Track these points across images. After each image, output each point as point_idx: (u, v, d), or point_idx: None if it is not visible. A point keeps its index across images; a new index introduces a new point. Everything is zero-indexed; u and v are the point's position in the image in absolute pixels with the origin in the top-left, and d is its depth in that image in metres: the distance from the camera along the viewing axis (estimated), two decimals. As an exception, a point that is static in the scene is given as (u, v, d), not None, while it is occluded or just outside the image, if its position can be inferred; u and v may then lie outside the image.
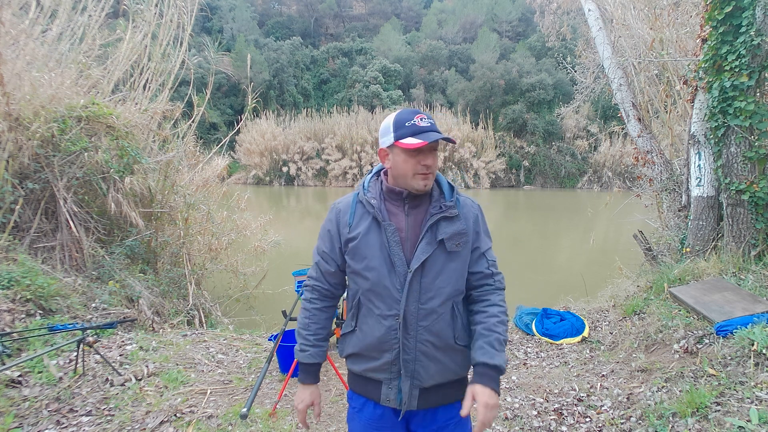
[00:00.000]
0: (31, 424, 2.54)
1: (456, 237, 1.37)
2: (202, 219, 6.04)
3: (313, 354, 1.47)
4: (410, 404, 1.38)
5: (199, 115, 6.53)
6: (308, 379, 1.49)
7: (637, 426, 2.58)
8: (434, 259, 1.36)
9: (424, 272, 1.35)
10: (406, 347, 1.36)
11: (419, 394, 1.39)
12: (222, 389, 3.20)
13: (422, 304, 1.35)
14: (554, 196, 25.08)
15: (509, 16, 39.97)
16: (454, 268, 1.38)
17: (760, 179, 3.88)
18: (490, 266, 1.44)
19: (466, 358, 1.42)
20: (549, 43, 11.86)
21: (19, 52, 4.71)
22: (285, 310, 3.15)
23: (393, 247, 1.35)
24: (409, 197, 1.40)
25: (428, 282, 1.35)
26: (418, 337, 1.36)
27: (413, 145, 1.31)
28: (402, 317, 1.35)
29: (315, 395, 1.51)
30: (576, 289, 5.65)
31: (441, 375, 1.39)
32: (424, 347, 1.36)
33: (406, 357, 1.36)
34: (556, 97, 29.69)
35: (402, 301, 1.34)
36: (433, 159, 1.36)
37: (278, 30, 41.81)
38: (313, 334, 1.48)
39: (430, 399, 1.40)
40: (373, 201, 1.40)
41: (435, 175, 1.41)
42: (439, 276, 1.36)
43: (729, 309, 3.24)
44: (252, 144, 28.04)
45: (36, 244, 4.42)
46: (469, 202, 1.46)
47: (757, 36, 3.73)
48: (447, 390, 1.43)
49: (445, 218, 1.37)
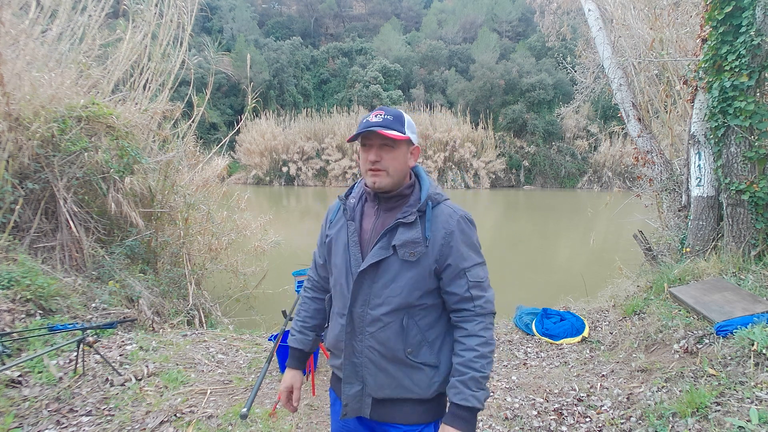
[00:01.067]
0: (31, 424, 2.54)
1: (409, 245, 1.28)
2: (202, 219, 6.04)
3: (298, 339, 1.54)
4: (363, 411, 1.36)
5: (199, 115, 6.53)
6: (291, 362, 1.54)
7: (637, 426, 2.58)
8: (388, 265, 1.30)
9: (376, 277, 1.31)
10: (354, 350, 1.34)
11: (372, 402, 1.35)
12: (222, 389, 3.20)
13: (370, 309, 1.31)
14: (554, 196, 25.08)
15: (509, 16, 39.96)
16: (409, 279, 1.29)
17: (760, 179, 3.88)
18: (471, 288, 1.30)
19: (428, 378, 1.32)
20: (549, 43, 11.87)
21: (19, 52, 4.71)
22: (285, 310, 3.15)
23: (351, 248, 1.35)
24: (383, 199, 1.36)
25: (378, 288, 1.30)
26: (365, 342, 1.33)
27: (349, 138, 1.33)
28: (348, 319, 1.34)
29: (295, 379, 1.52)
30: (576, 289, 5.65)
31: (393, 389, 1.32)
32: (371, 354, 1.32)
33: (354, 360, 1.34)
34: (556, 97, 29.68)
35: (347, 303, 1.34)
36: (376, 154, 1.30)
37: (278, 30, 41.81)
38: (302, 321, 1.56)
39: (384, 413, 1.35)
40: (352, 200, 1.42)
41: (389, 174, 1.31)
42: (391, 284, 1.29)
43: (729, 309, 3.24)
44: (252, 144, 28.04)
45: (36, 244, 4.42)
46: (447, 212, 1.33)
47: (757, 36, 3.73)
48: (404, 408, 1.34)
49: (403, 224, 1.29)
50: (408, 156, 1.36)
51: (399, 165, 1.32)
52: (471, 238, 1.33)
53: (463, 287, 1.30)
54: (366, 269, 1.31)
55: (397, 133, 1.28)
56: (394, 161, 1.31)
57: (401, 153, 1.33)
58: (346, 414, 1.37)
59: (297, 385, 1.52)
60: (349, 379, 1.36)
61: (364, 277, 1.31)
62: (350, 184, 13.81)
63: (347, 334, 1.35)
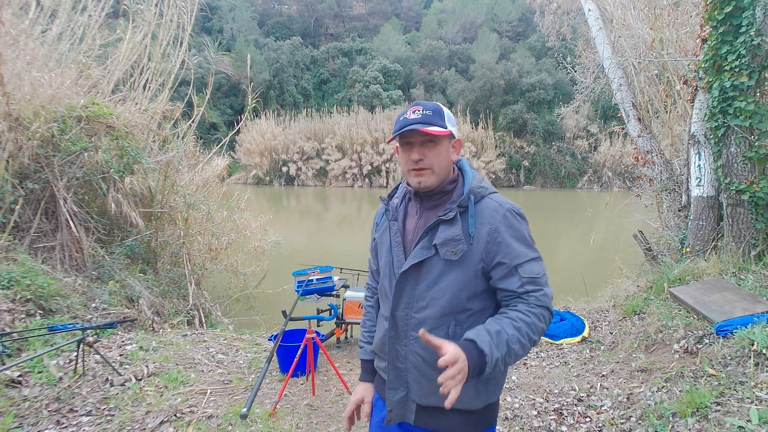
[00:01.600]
0: (31, 424, 2.54)
1: (449, 243, 1.20)
2: (202, 219, 6.04)
3: (367, 351, 1.45)
4: (407, 417, 1.30)
5: (199, 115, 6.53)
6: (362, 375, 1.47)
7: (637, 426, 2.58)
8: (431, 266, 1.23)
9: (419, 279, 1.25)
10: (398, 354, 1.29)
11: (416, 409, 1.28)
12: (222, 389, 3.20)
13: (414, 313, 1.25)
14: (554, 196, 25.09)
15: (509, 16, 39.99)
16: (454, 279, 1.21)
17: (760, 179, 3.88)
18: (525, 284, 1.19)
19: (475, 388, 1.23)
20: (549, 43, 11.86)
21: (19, 52, 4.71)
22: (285, 310, 3.15)
23: (394, 248, 1.31)
24: (425, 197, 1.30)
25: (422, 290, 1.24)
26: (409, 347, 1.27)
27: (390, 139, 1.27)
28: (391, 322, 1.29)
29: (367, 392, 1.43)
30: (576, 289, 5.65)
31: (438, 398, 1.15)
32: (415, 359, 1.26)
33: (399, 365, 1.29)
34: (556, 97, 29.71)
35: (389, 305, 1.29)
36: (420, 153, 1.23)
37: (278, 30, 41.83)
38: (367, 330, 1.49)
39: (429, 420, 1.27)
40: (395, 201, 1.38)
41: (434, 171, 1.25)
42: (435, 285, 1.23)
43: (729, 309, 3.24)
44: (252, 144, 28.06)
45: (36, 244, 4.42)
46: (493, 206, 1.24)
47: (757, 36, 3.73)
48: (451, 417, 1.25)
49: (444, 221, 1.23)
50: (451, 150, 1.30)
51: (443, 161, 1.26)
52: (521, 232, 1.23)
53: (516, 284, 1.19)
54: (408, 270, 1.25)
55: (438, 129, 1.22)
56: (438, 158, 1.25)
57: (444, 148, 1.26)
58: (391, 420, 1.30)
59: (368, 399, 1.42)
60: (393, 385, 1.30)
61: (406, 278, 1.26)
62: (350, 184, 14.01)
63: (390, 338, 1.30)
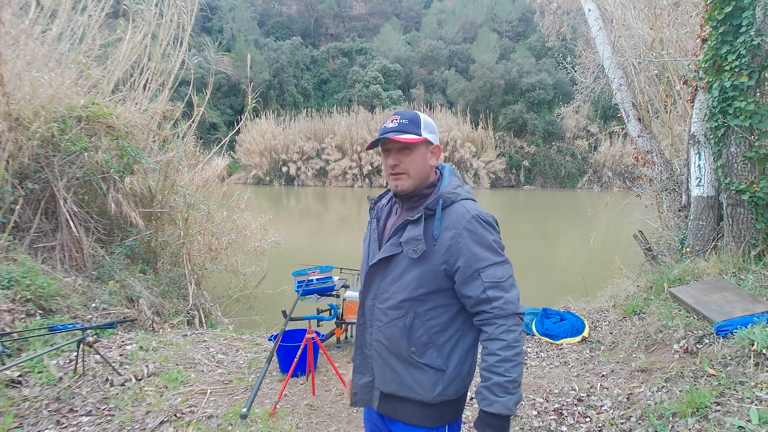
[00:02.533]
0: (31, 424, 2.54)
1: (411, 242, 1.29)
2: (202, 219, 6.04)
3: None
4: (372, 402, 1.41)
5: (199, 115, 6.53)
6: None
7: (637, 426, 2.58)
8: (397, 261, 1.33)
9: (386, 272, 1.35)
10: (366, 342, 1.41)
11: (380, 396, 1.39)
12: (222, 389, 3.20)
13: (379, 304, 1.37)
14: (554, 196, 25.08)
15: (509, 16, 39.97)
16: (414, 276, 1.30)
17: (760, 179, 3.88)
18: (488, 289, 1.25)
19: (431, 380, 1.31)
20: (549, 43, 11.86)
21: (19, 52, 4.71)
22: (285, 310, 3.15)
23: (372, 244, 1.44)
24: (404, 199, 1.41)
25: (387, 283, 1.35)
26: (374, 336, 1.39)
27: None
28: (361, 311, 1.42)
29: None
30: (576, 289, 5.65)
31: (397, 386, 1.34)
32: (379, 347, 1.37)
33: (365, 351, 1.42)
34: (556, 97, 29.70)
35: (360, 295, 1.43)
36: (395, 159, 1.34)
37: (278, 30, 41.81)
38: None
39: (389, 408, 1.37)
40: (384, 201, 1.52)
41: (410, 176, 1.34)
42: (398, 280, 1.32)
43: (729, 309, 3.24)
44: (252, 144, 28.04)
45: (36, 244, 4.42)
46: (460, 212, 1.30)
47: (757, 36, 3.73)
48: (407, 407, 1.34)
49: (410, 221, 1.32)
50: (428, 156, 1.39)
51: (418, 166, 1.36)
52: (485, 237, 1.28)
53: (479, 289, 1.26)
54: (377, 263, 1.36)
55: (412, 137, 1.32)
56: (413, 163, 1.35)
57: (420, 154, 1.36)
58: (356, 402, 1.42)
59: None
60: (359, 369, 1.42)
61: (375, 271, 1.37)
62: (350, 184, 14.05)
63: (360, 325, 1.42)
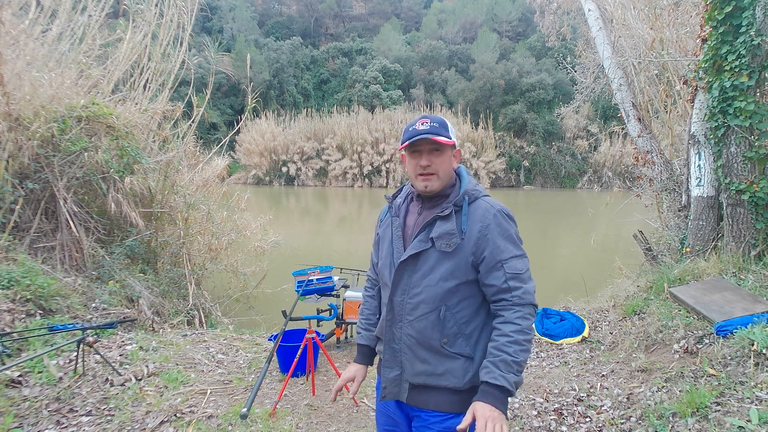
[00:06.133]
0: (31, 424, 2.54)
1: (445, 237, 1.36)
2: (202, 219, 6.04)
3: (364, 336, 1.62)
4: (400, 395, 1.44)
5: (199, 115, 6.53)
6: (357, 357, 1.62)
7: (637, 426, 2.58)
8: (427, 257, 1.38)
9: (416, 268, 1.39)
10: (395, 336, 1.44)
11: (409, 388, 1.42)
12: (222, 389, 3.20)
13: (410, 299, 1.40)
14: (554, 196, 25.08)
15: (509, 16, 39.96)
16: (446, 269, 1.36)
17: (760, 179, 3.88)
18: (509, 279, 1.34)
19: (462, 368, 1.37)
20: (549, 43, 11.84)
21: (19, 52, 4.71)
22: (285, 310, 3.15)
23: (395, 241, 1.46)
24: (425, 197, 1.46)
25: (418, 278, 1.39)
26: (404, 330, 1.42)
27: (401, 146, 1.43)
28: (389, 307, 1.44)
29: (359, 373, 1.59)
30: (576, 289, 5.65)
31: (428, 376, 1.39)
32: (409, 341, 1.41)
33: (394, 346, 1.44)
34: (556, 97, 29.69)
35: (388, 291, 1.45)
36: (428, 160, 1.40)
37: (278, 30, 41.81)
38: (365, 318, 1.65)
39: (419, 398, 1.41)
40: (399, 200, 1.55)
41: (439, 176, 1.42)
42: (429, 274, 1.37)
43: (729, 309, 3.24)
44: (252, 144, 28.05)
45: (36, 244, 4.42)
46: (485, 207, 1.41)
47: (757, 36, 3.73)
48: (438, 395, 1.39)
49: (440, 217, 1.38)
50: (452, 159, 1.47)
51: (447, 168, 1.44)
52: (508, 231, 1.39)
53: (501, 279, 1.34)
54: (406, 260, 1.40)
55: (445, 138, 1.39)
56: (442, 164, 1.42)
57: (447, 157, 1.44)
58: (386, 396, 1.45)
59: (359, 379, 1.59)
60: (388, 363, 1.45)
61: (404, 267, 1.41)
62: (350, 184, 14.08)
63: (388, 321, 1.45)
